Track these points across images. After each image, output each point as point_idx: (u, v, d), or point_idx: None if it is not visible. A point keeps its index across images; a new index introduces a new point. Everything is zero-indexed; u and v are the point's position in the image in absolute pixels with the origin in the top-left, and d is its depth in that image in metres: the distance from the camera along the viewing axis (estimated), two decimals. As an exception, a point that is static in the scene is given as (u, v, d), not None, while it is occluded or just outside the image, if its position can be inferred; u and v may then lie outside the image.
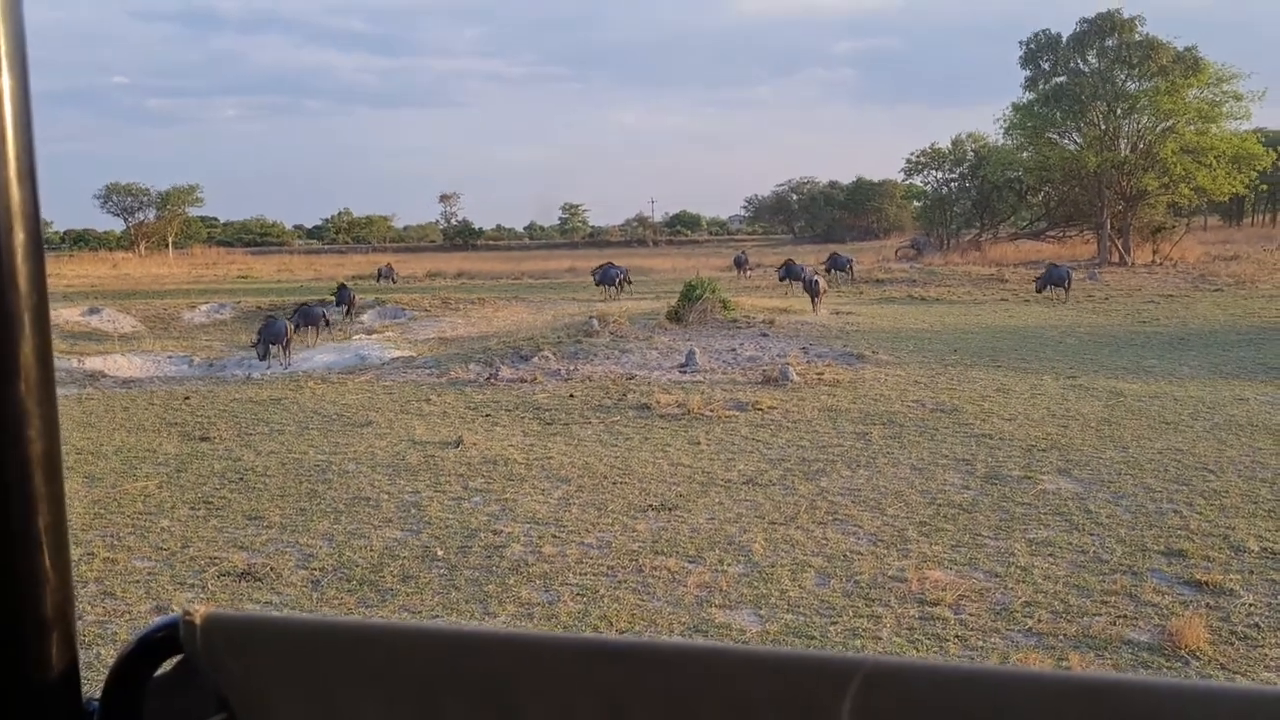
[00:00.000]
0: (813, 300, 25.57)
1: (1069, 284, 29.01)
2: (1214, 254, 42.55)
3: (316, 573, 7.42)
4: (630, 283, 31.93)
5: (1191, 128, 41.38)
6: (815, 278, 26.95)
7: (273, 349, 19.86)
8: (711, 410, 13.11)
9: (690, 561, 7.52)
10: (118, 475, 10.41)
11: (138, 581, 7.27)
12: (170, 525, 8.62)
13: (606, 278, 31.56)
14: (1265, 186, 63.34)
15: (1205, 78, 41.00)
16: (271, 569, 7.47)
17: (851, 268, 35.30)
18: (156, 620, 0.88)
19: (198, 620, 0.85)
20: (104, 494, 9.65)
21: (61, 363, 18.55)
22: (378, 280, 39.89)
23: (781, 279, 32.84)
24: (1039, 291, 29.47)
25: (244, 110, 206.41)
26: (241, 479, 10.16)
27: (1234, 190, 44.09)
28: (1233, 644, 5.93)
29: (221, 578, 7.35)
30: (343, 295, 27.43)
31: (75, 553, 7.73)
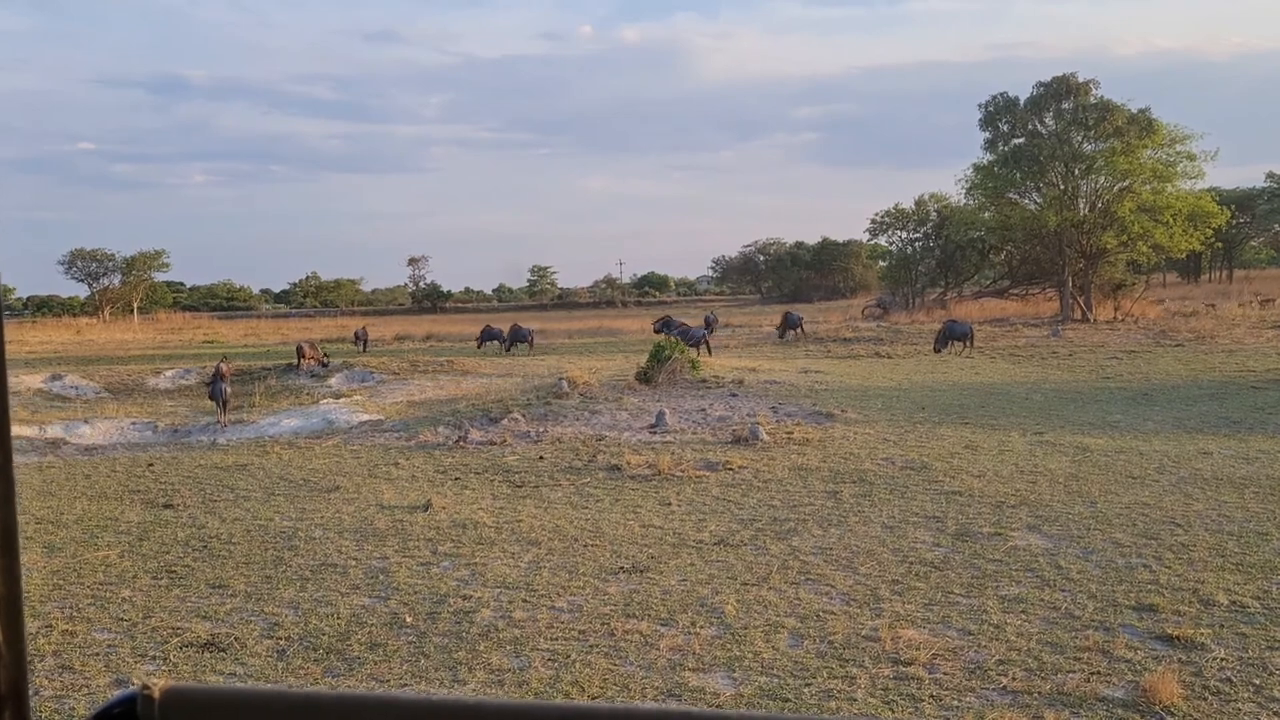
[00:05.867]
0: (707, 349, 29.20)
1: (971, 339, 30.95)
2: (1173, 310, 43.29)
3: (282, 642, 7.28)
4: (523, 342, 36.52)
5: (1148, 187, 42.34)
6: (704, 331, 31.93)
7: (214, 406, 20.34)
8: (682, 471, 13.08)
9: (662, 624, 7.45)
10: (78, 544, 10.20)
11: (97, 654, 7.09)
12: (131, 595, 8.44)
13: (490, 336, 37.76)
14: (1220, 244, 64.88)
15: (1159, 139, 42.08)
16: (235, 639, 7.31)
17: (803, 326, 38.42)
18: (115, 695, 0.85)
19: (157, 694, 0.83)
20: (63, 564, 9.44)
21: (21, 430, 18.25)
22: (355, 343, 39.40)
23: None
24: (937, 352, 30.32)
25: (211, 176, 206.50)
26: (205, 547, 9.99)
27: (1191, 247, 45.11)
28: (1206, 699, 5.93)
29: (184, 649, 7.18)
30: (299, 350, 30.23)
31: (32, 625, 7.54)
